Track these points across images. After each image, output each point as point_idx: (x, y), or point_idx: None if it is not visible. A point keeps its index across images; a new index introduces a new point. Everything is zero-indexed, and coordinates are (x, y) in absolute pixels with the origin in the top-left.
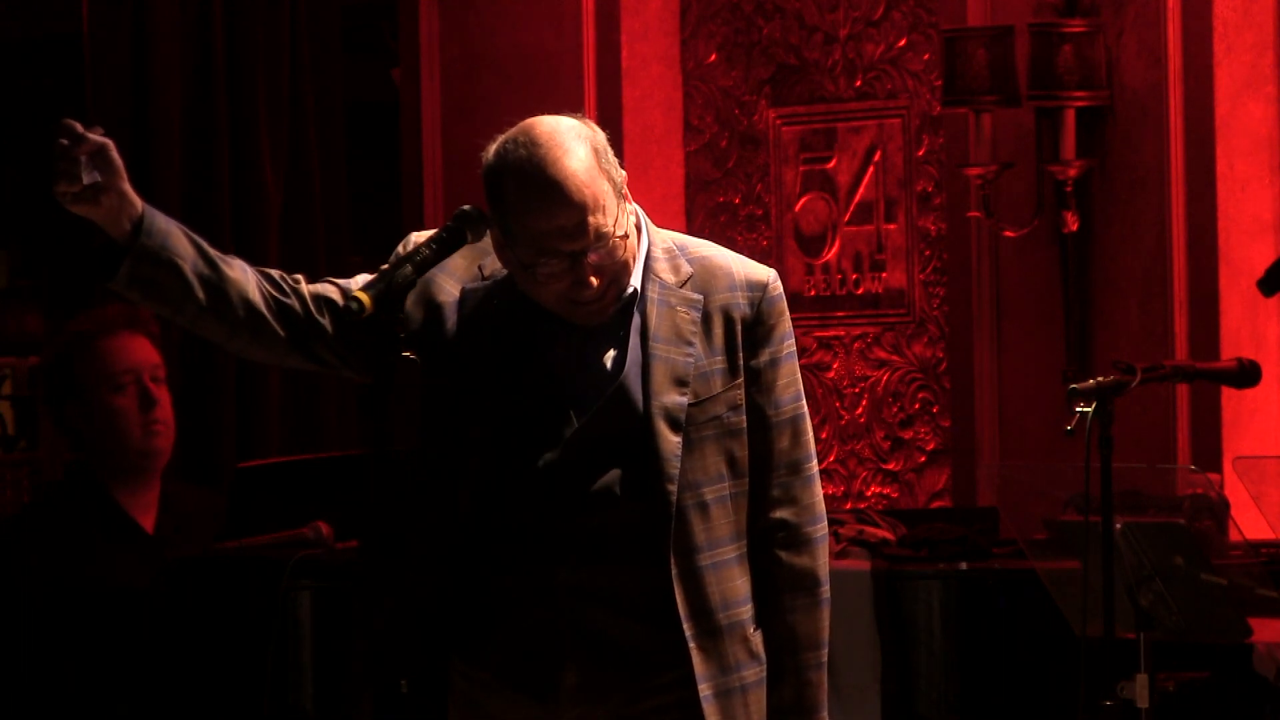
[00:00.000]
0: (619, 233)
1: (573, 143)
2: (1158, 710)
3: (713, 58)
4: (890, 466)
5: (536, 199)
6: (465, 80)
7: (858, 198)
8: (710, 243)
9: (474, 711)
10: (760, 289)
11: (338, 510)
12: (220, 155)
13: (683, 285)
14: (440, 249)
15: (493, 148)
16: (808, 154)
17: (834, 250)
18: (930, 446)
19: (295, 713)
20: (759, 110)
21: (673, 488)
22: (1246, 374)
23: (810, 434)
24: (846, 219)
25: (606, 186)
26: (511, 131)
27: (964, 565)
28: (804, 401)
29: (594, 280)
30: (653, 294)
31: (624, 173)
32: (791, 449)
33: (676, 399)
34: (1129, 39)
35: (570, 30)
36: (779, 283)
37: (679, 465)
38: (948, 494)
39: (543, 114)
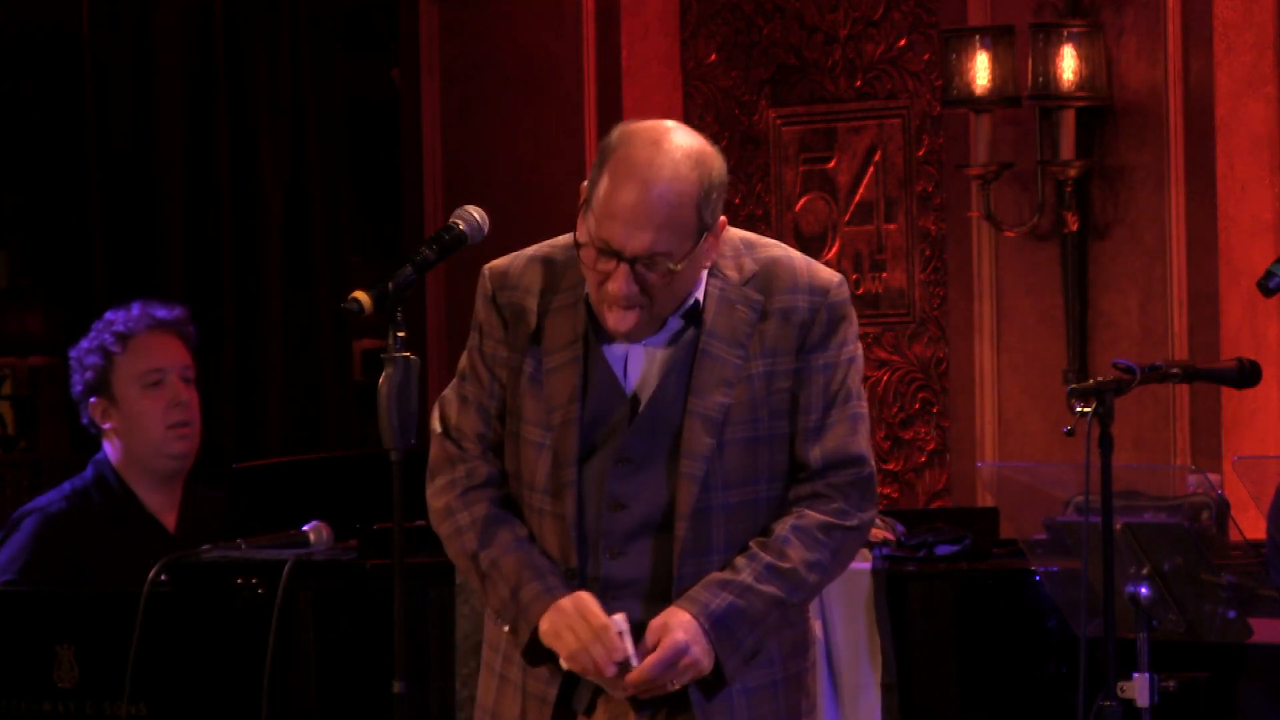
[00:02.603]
0: (672, 265)
1: (686, 168)
2: (1158, 710)
3: (713, 58)
4: (890, 466)
5: (620, 194)
6: (465, 80)
7: (858, 198)
8: (780, 243)
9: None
10: (823, 294)
11: (337, 510)
12: (220, 155)
13: (745, 283)
14: (441, 249)
15: (626, 124)
16: (808, 154)
17: (834, 250)
18: (930, 446)
19: (295, 714)
20: (759, 110)
21: (694, 488)
22: (1246, 374)
23: (865, 437)
24: (846, 219)
25: (688, 222)
26: (651, 122)
27: (964, 565)
28: (857, 404)
29: (618, 288)
30: (714, 290)
31: (721, 216)
32: (842, 448)
33: (718, 400)
34: (1129, 39)
35: (570, 30)
36: (845, 288)
37: (704, 466)
38: (948, 494)
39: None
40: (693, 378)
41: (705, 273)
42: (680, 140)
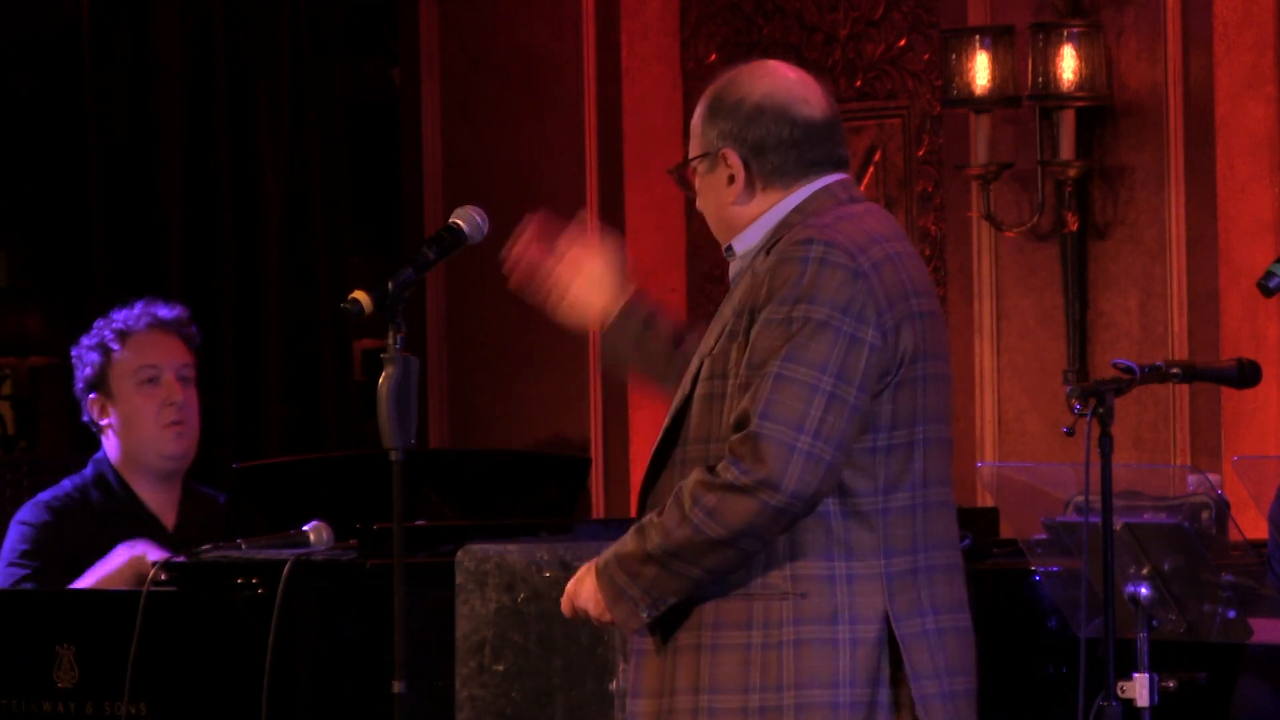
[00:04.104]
0: (691, 154)
1: (717, 84)
2: (1158, 710)
3: (713, 58)
4: None
5: None
6: (465, 80)
7: None
8: (846, 216)
9: None
10: (781, 252)
11: (338, 510)
12: (220, 155)
13: (769, 250)
14: (441, 249)
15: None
16: None
17: None
18: None
19: (295, 714)
20: None
21: (658, 439)
22: (1246, 374)
23: (788, 398)
24: None
25: (698, 129)
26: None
27: (964, 565)
28: (787, 365)
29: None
30: (757, 262)
31: (724, 145)
32: (746, 408)
33: (702, 355)
34: (1129, 39)
35: (570, 30)
36: (806, 248)
37: (671, 419)
38: None
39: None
40: (703, 339)
41: (755, 227)
42: (749, 66)
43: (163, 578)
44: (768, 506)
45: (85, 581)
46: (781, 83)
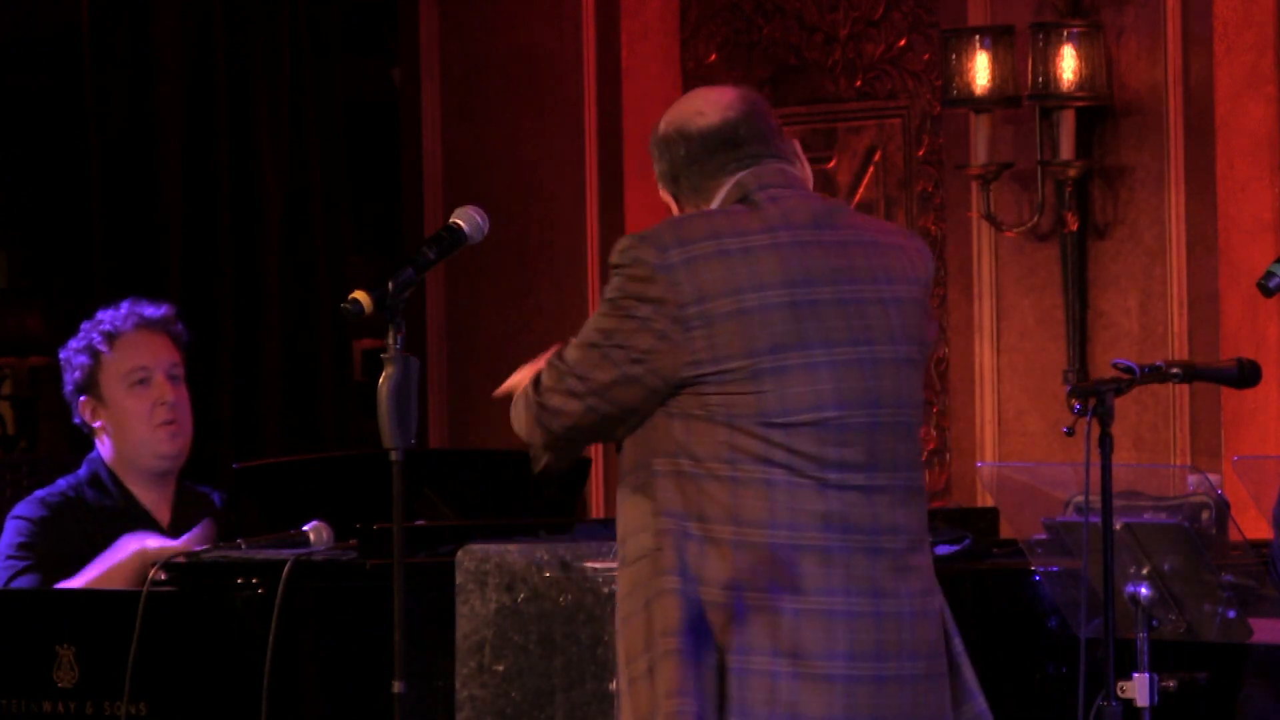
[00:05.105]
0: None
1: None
2: (1158, 710)
3: (713, 58)
4: None
5: None
6: (465, 80)
7: (858, 198)
8: (703, 214)
9: None
10: None
11: (338, 510)
12: (220, 155)
13: None
14: (441, 249)
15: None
16: (808, 154)
17: None
18: (930, 446)
19: (295, 714)
20: None
21: None
22: (1246, 374)
23: (551, 371)
24: None
25: (655, 153)
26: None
27: (964, 565)
28: (570, 348)
29: None
30: None
31: (660, 186)
32: None
33: None
34: (1129, 39)
35: (570, 30)
36: (623, 243)
37: None
38: (948, 494)
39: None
40: None
41: None
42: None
43: (162, 577)
44: (539, 424)
45: (91, 572)
46: (682, 104)
